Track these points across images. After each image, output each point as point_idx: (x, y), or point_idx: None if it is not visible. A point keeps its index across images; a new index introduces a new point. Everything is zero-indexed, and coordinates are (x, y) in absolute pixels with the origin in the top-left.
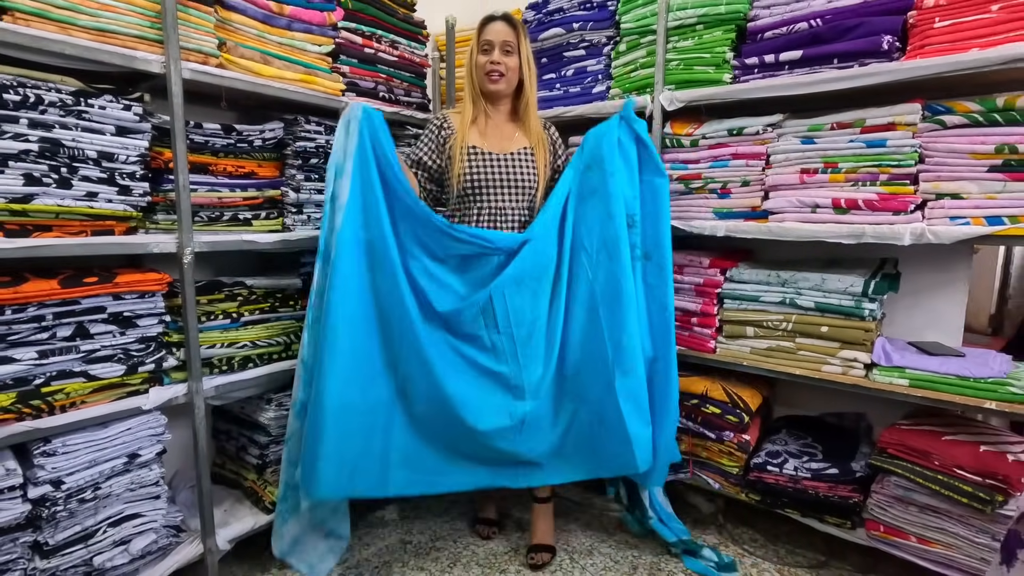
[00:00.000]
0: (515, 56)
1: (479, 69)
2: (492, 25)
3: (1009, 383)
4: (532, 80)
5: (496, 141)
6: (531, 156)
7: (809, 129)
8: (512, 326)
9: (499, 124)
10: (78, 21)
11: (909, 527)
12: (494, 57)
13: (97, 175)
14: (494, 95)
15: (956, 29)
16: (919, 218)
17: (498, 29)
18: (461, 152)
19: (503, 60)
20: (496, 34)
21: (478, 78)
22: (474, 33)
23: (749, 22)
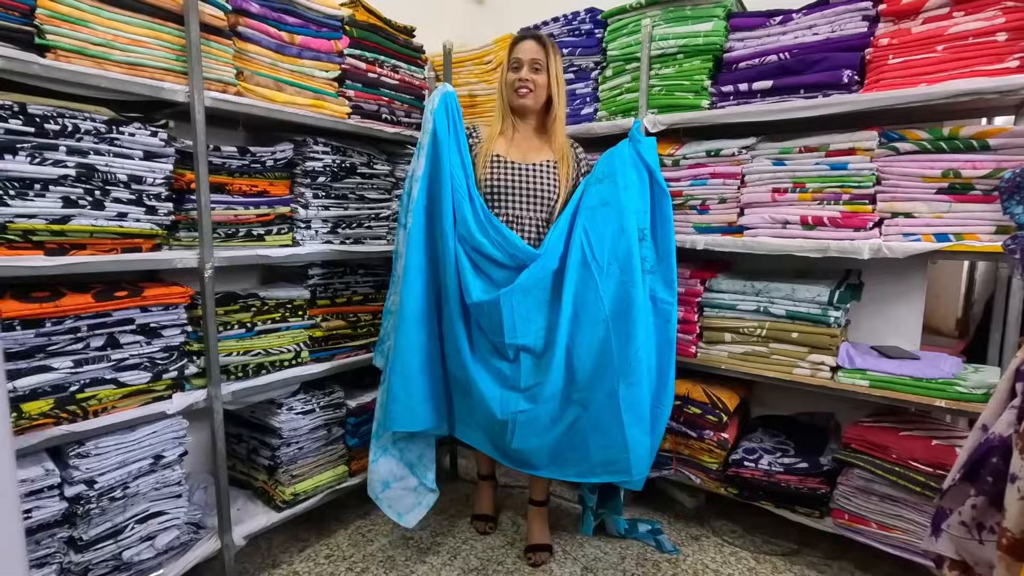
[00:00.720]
0: (543, 74)
1: (508, 85)
2: (523, 43)
3: (957, 383)
4: (561, 97)
5: (521, 152)
6: (554, 168)
7: (779, 152)
8: (517, 330)
9: (526, 137)
10: (112, 56)
11: (871, 515)
12: (522, 74)
13: (127, 197)
14: (521, 110)
15: (907, 66)
16: (877, 235)
17: (528, 47)
18: (485, 160)
19: (531, 77)
20: (525, 52)
21: (507, 93)
22: (507, 51)
23: (725, 53)
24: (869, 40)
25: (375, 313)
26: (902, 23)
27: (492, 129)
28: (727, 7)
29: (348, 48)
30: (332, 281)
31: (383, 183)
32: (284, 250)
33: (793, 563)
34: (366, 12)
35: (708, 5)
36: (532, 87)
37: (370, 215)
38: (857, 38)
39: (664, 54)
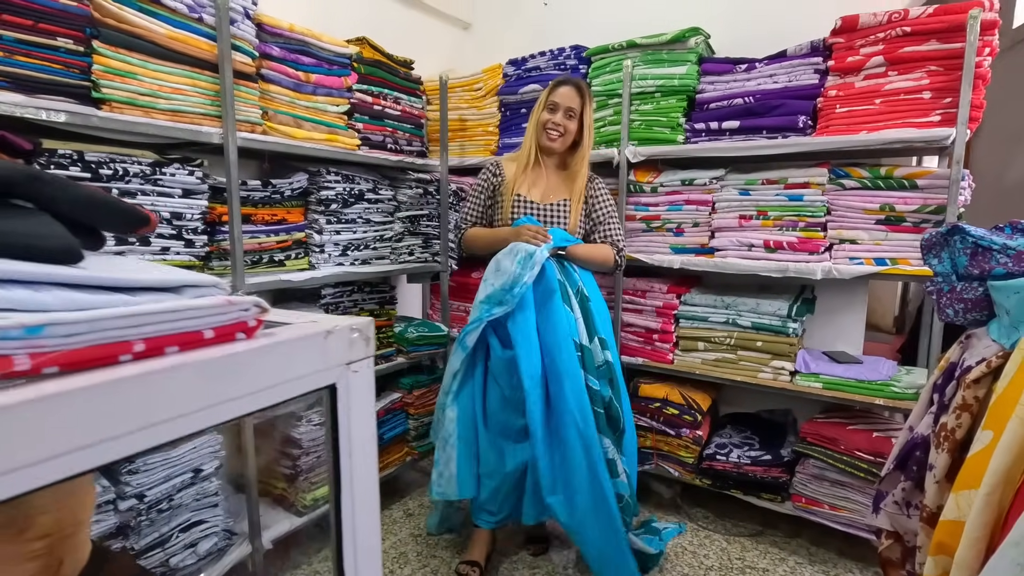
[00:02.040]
0: (576, 121)
1: (540, 124)
2: (563, 89)
3: (892, 384)
4: (589, 142)
5: (540, 191)
6: (565, 207)
7: (745, 183)
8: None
9: (548, 174)
10: (158, 105)
11: (824, 498)
12: (556, 119)
13: (169, 232)
14: (548, 150)
15: (851, 115)
16: (828, 258)
17: (567, 94)
18: (509, 199)
19: (564, 123)
20: (563, 98)
21: (537, 132)
22: (546, 90)
23: (697, 94)
24: (820, 90)
25: (380, 328)
26: (847, 78)
27: (518, 163)
28: (699, 53)
29: (356, 84)
30: (342, 300)
31: (386, 207)
32: (303, 274)
33: (759, 543)
34: (371, 49)
35: (682, 51)
36: (562, 131)
37: (375, 237)
38: (810, 88)
39: (643, 92)
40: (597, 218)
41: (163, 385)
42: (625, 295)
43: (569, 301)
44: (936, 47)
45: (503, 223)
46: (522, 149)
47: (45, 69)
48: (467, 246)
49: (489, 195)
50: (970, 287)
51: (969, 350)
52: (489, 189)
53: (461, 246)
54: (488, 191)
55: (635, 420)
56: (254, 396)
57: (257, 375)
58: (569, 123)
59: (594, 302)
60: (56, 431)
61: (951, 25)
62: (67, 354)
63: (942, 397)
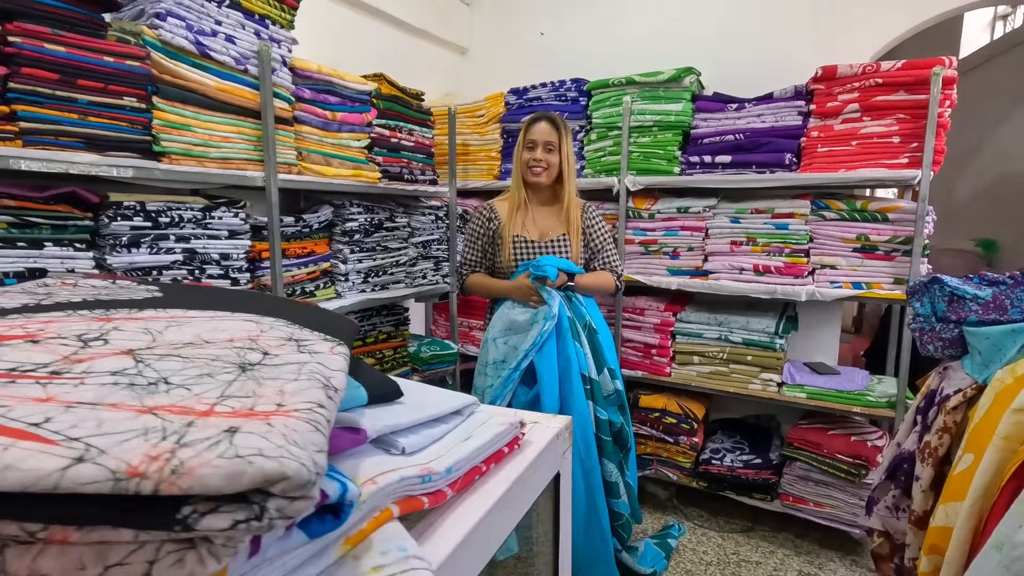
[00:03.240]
0: (556, 153)
1: (523, 163)
2: (538, 125)
3: (867, 394)
4: (571, 173)
5: (537, 229)
6: (566, 241)
7: (736, 212)
8: None
9: (540, 210)
10: (209, 154)
11: (809, 496)
12: (537, 155)
13: (217, 272)
14: (535, 185)
15: (831, 154)
16: (811, 281)
17: (542, 129)
18: (508, 240)
19: (544, 157)
20: (540, 133)
21: (522, 170)
22: (522, 128)
23: (692, 129)
24: (804, 131)
25: (395, 348)
26: (827, 121)
27: (510, 203)
28: (693, 91)
29: (376, 119)
30: (363, 324)
31: (402, 233)
32: (332, 303)
33: (750, 538)
34: (388, 84)
35: (678, 89)
36: (545, 166)
37: (392, 262)
38: (794, 128)
39: (642, 126)
40: (595, 246)
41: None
42: (625, 313)
43: (578, 336)
44: (904, 97)
45: (505, 265)
46: (511, 190)
47: (113, 127)
48: (470, 291)
49: (488, 240)
50: (947, 328)
51: (947, 380)
52: (488, 234)
53: (463, 290)
54: (487, 236)
55: (636, 429)
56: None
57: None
58: (550, 157)
59: (601, 334)
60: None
61: (917, 79)
62: (456, 482)
63: (925, 419)
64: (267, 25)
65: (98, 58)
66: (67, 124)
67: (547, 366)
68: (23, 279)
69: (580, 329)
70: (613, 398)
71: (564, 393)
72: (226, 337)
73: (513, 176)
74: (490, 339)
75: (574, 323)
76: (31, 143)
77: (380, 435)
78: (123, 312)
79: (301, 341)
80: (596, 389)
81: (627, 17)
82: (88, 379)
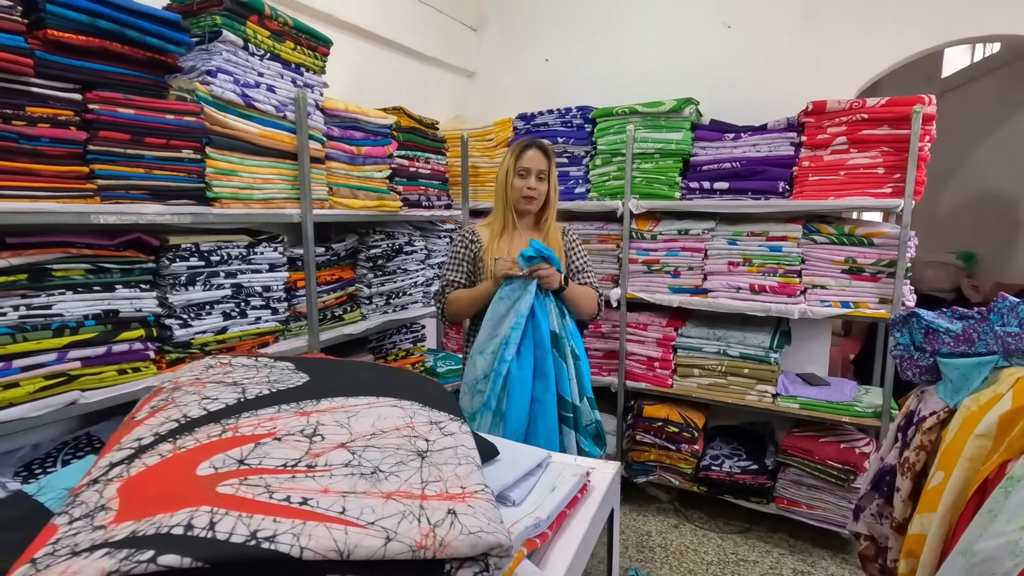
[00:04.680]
0: (546, 182)
1: (515, 191)
2: (530, 153)
3: (855, 404)
4: (555, 200)
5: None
6: None
7: (733, 234)
8: None
9: (523, 234)
10: (254, 196)
11: (802, 499)
12: (531, 183)
13: (260, 303)
14: (525, 213)
15: (821, 183)
16: (803, 300)
17: (535, 158)
18: (489, 263)
19: (537, 186)
20: (532, 162)
21: (513, 198)
22: (511, 154)
23: (691, 156)
24: (795, 160)
25: (414, 364)
26: (817, 151)
27: (491, 229)
28: (692, 121)
29: (396, 151)
30: (383, 342)
31: (419, 255)
32: (358, 325)
33: (747, 538)
34: (407, 117)
35: (678, 119)
36: (537, 195)
37: (411, 283)
38: (787, 158)
39: (644, 153)
40: (577, 267)
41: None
42: (629, 328)
43: (564, 355)
44: (888, 132)
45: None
46: (495, 214)
47: (173, 178)
48: (451, 311)
49: (471, 262)
50: (924, 357)
51: (924, 402)
52: (471, 256)
53: (444, 314)
54: (470, 258)
55: (640, 437)
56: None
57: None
58: (541, 185)
59: (583, 362)
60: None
61: (899, 115)
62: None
63: (905, 436)
64: (302, 72)
65: (161, 116)
66: (135, 178)
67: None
68: (100, 320)
69: (568, 348)
70: (591, 428)
71: (534, 414)
72: (392, 426)
73: (497, 200)
74: (475, 353)
75: (561, 340)
76: (107, 198)
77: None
78: (309, 404)
79: (439, 423)
80: (579, 416)
81: (629, 46)
82: (334, 471)
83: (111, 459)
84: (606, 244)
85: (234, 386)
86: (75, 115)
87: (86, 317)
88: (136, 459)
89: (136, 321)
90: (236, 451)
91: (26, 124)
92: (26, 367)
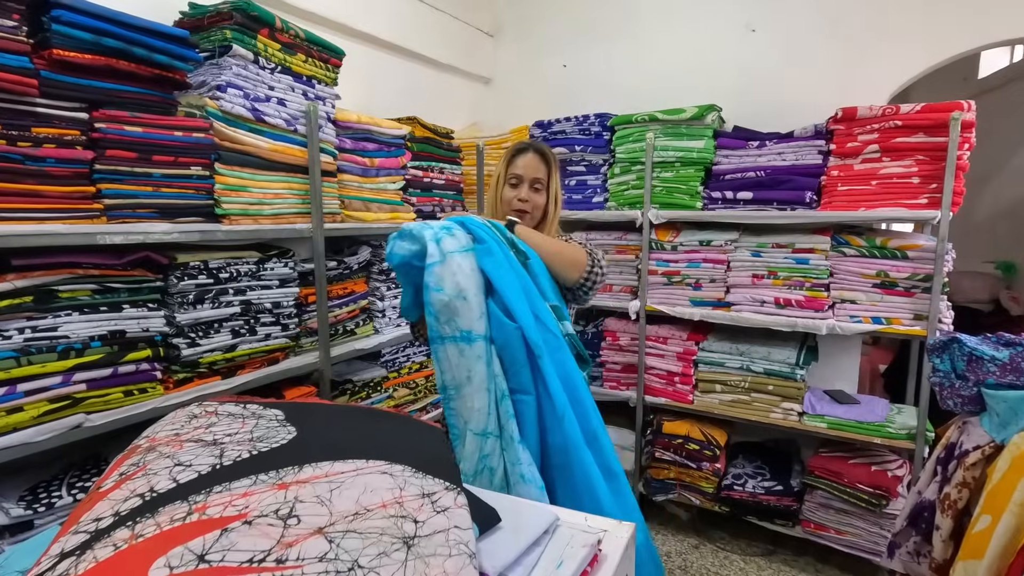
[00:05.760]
0: (543, 193)
1: (505, 203)
2: (524, 158)
3: (887, 425)
4: (557, 214)
5: None
6: None
7: (757, 245)
8: None
9: None
10: (264, 212)
11: (830, 523)
12: (522, 194)
13: (270, 320)
14: None
15: (851, 193)
16: (831, 315)
17: (529, 164)
18: None
19: (531, 197)
20: (526, 169)
21: (502, 211)
22: (503, 159)
23: (714, 165)
24: (823, 169)
25: (427, 377)
26: (846, 160)
27: None
28: (715, 128)
29: (410, 161)
30: (397, 356)
31: None
32: (370, 340)
33: (771, 561)
34: (421, 127)
35: (700, 127)
36: (529, 209)
37: None
38: (814, 167)
39: (664, 161)
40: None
41: None
42: (648, 341)
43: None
44: (924, 139)
45: None
46: None
47: (181, 196)
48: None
49: None
50: (966, 386)
51: (966, 434)
52: None
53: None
54: None
55: (659, 454)
56: None
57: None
58: (536, 197)
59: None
60: None
61: (936, 122)
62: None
63: (945, 471)
64: (313, 85)
65: (170, 134)
66: (143, 197)
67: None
68: (106, 341)
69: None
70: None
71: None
72: (379, 502)
73: (487, 212)
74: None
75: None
76: (114, 218)
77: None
78: (289, 474)
79: (432, 496)
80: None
81: (649, 51)
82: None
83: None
84: (625, 255)
85: (213, 446)
86: (81, 134)
87: (92, 338)
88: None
89: (143, 341)
90: (198, 542)
91: (32, 145)
92: (30, 391)
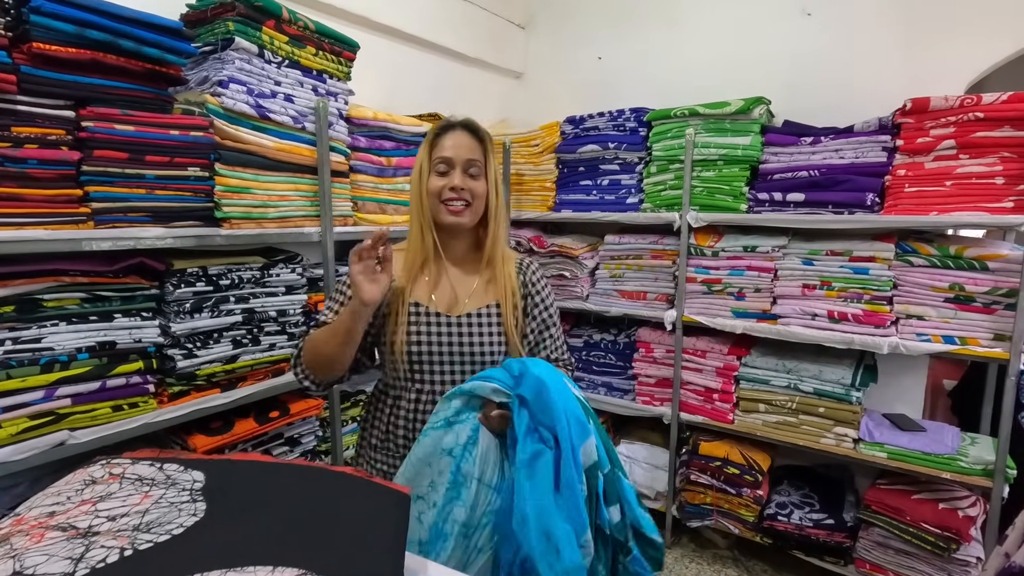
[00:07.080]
0: (482, 179)
1: (433, 194)
2: (451, 136)
3: (959, 459)
4: (499, 209)
5: (448, 297)
6: (497, 317)
7: (808, 253)
8: None
9: (456, 266)
10: (268, 215)
11: (888, 565)
12: (455, 181)
13: (275, 329)
14: (451, 229)
15: (920, 195)
16: (894, 332)
17: (459, 142)
18: (402, 312)
19: (468, 185)
20: (457, 149)
21: (431, 206)
22: (424, 145)
23: (761, 164)
24: (888, 168)
25: None
26: (916, 158)
27: (407, 257)
28: (762, 123)
29: None
30: None
31: None
32: None
33: None
34: None
35: (746, 121)
36: (469, 199)
37: None
38: (878, 166)
39: (706, 159)
40: (542, 322)
41: None
42: (685, 354)
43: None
44: (1009, 134)
45: (394, 352)
46: (411, 237)
47: (177, 199)
48: (308, 361)
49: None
50: None
51: None
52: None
53: (299, 370)
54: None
55: (695, 477)
56: None
57: None
58: (475, 184)
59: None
60: None
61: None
62: None
63: None
64: (324, 80)
65: (165, 132)
66: (135, 200)
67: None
68: (94, 353)
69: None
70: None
71: None
72: None
73: (412, 215)
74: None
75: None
76: (102, 222)
77: None
78: None
79: None
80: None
81: (692, 40)
82: None
83: None
84: (661, 260)
85: (81, 539)
86: (67, 134)
87: (79, 350)
88: None
89: (135, 353)
90: None
91: (11, 146)
92: (9, 407)
